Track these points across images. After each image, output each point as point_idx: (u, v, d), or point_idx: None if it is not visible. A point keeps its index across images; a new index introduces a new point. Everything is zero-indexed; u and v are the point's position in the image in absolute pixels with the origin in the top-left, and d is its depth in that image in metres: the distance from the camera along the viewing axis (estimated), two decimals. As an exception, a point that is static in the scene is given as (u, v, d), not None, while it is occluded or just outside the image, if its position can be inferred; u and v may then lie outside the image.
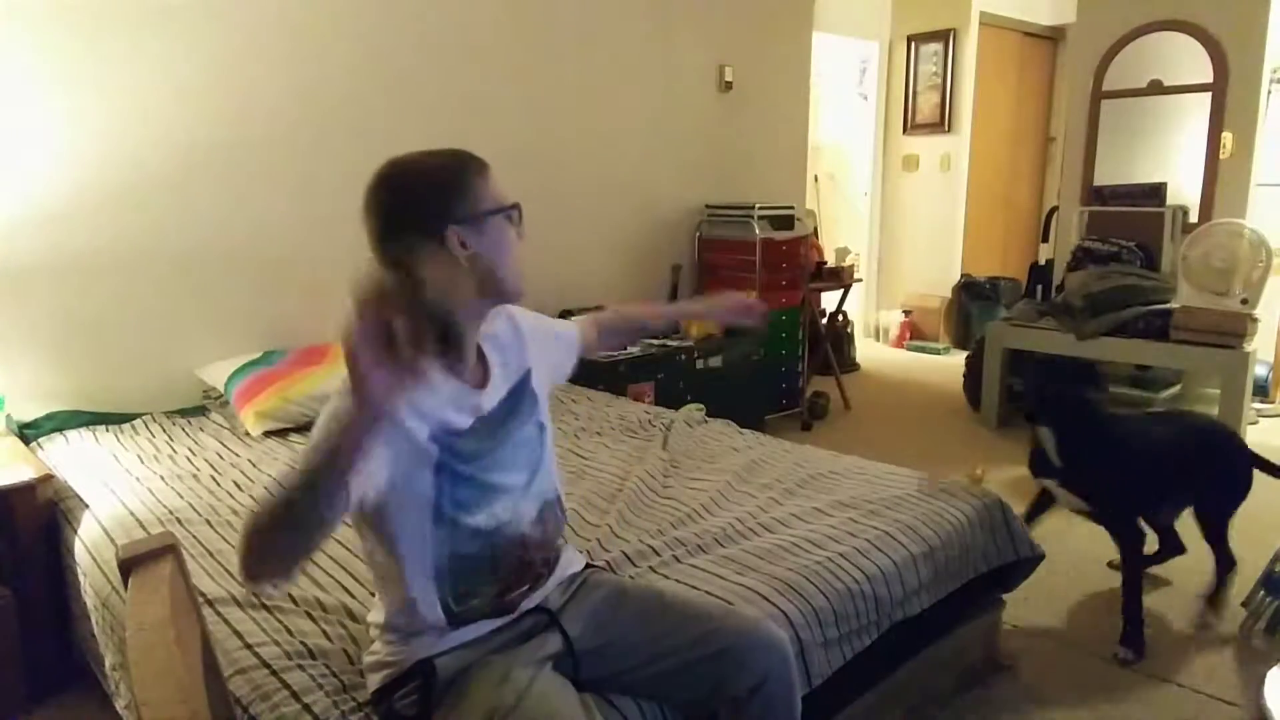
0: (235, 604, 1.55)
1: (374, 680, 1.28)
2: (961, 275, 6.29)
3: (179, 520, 1.95)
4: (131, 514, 1.98)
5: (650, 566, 1.72)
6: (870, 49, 6.44)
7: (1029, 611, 2.50)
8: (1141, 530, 2.40)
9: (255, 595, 1.55)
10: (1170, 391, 4.26)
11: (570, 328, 1.62)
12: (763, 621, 1.42)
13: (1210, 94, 4.30)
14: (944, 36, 6.19)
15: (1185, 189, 4.41)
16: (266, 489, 1.07)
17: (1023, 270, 5.51)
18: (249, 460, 2.37)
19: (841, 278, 5.01)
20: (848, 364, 5.65)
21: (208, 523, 1.94)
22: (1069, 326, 4.05)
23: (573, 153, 3.87)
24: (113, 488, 2.14)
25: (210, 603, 1.55)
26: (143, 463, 2.33)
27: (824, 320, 5.27)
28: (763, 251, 4.14)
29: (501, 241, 1.25)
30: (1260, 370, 4.45)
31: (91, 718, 2.04)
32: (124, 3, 2.62)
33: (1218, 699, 2.13)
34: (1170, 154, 4.52)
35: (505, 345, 1.38)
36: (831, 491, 2.10)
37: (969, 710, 2.06)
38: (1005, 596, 2.17)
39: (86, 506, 2.06)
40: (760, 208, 4.21)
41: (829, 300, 5.36)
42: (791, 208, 4.42)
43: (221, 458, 2.40)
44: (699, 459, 2.40)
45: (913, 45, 6.36)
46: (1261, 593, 2.41)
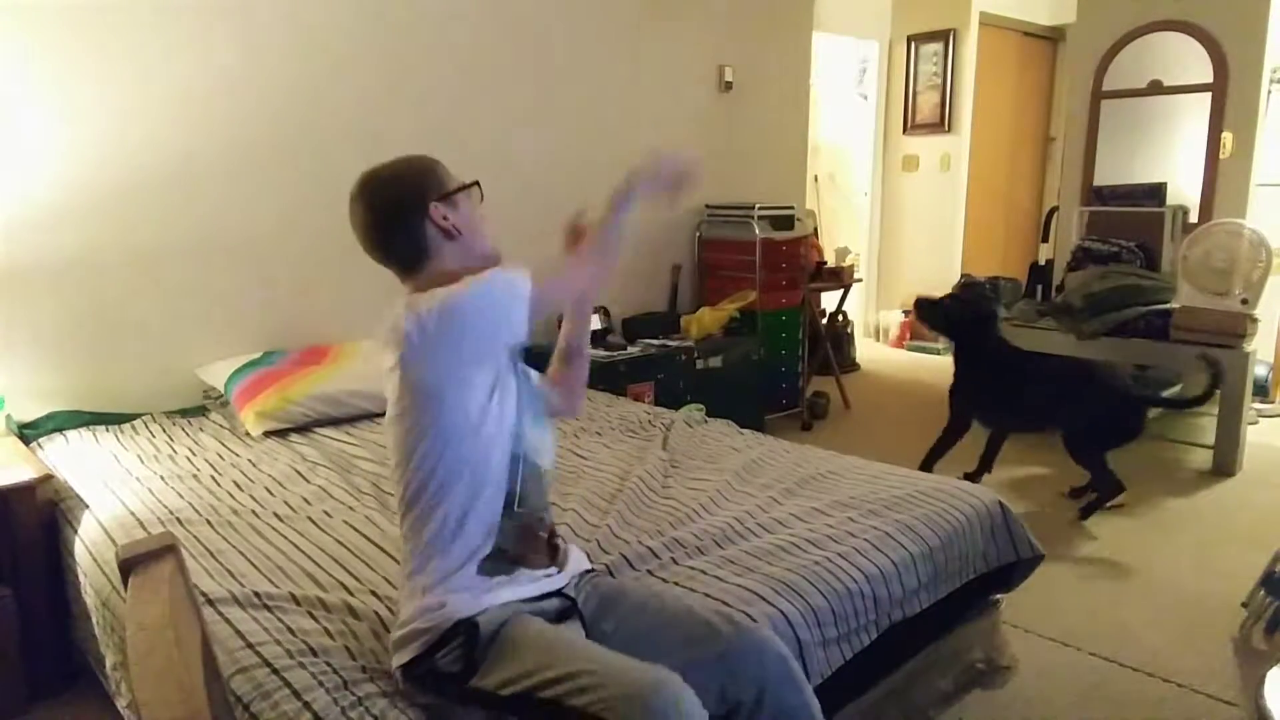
0: (236, 604, 1.55)
1: (405, 654, 1.29)
2: (961, 275, 6.29)
3: (179, 520, 1.95)
4: (131, 514, 1.98)
5: (649, 569, 1.72)
6: (870, 49, 6.44)
7: (1029, 611, 2.50)
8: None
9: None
10: (1170, 391, 4.26)
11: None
12: (755, 627, 1.40)
13: (1210, 94, 4.30)
14: (944, 36, 6.19)
15: (1185, 189, 4.41)
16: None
17: (1023, 270, 5.51)
18: (249, 460, 2.37)
19: (841, 278, 5.01)
20: (848, 364, 5.66)
21: (208, 523, 1.94)
22: (1069, 326, 4.05)
23: (572, 153, 3.87)
24: (113, 488, 2.14)
25: (211, 602, 1.55)
26: (143, 463, 2.33)
27: (824, 320, 5.27)
28: (763, 251, 4.14)
29: (472, 215, 1.46)
30: (1260, 370, 4.45)
31: (91, 718, 2.05)
32: (124, 3, 2.62)
33: (1218, 699, 2.13)
34: (1170, 154, 4.51)
35: None
36: (831, 491, 2.10)
37: (969, 710, 2.07)
38: (1005, 596, 2.17)
39: (86, 506, 2.06)
40: (760, 208, 4.21)
41: (829, 300, 5.36)
42: (791, 208, 4.42)
43: (221, 458, 2.40)
44: (699, 459, 2.40)
45: (913, 45, 6.36)
46: (1261, 593, 2.40)
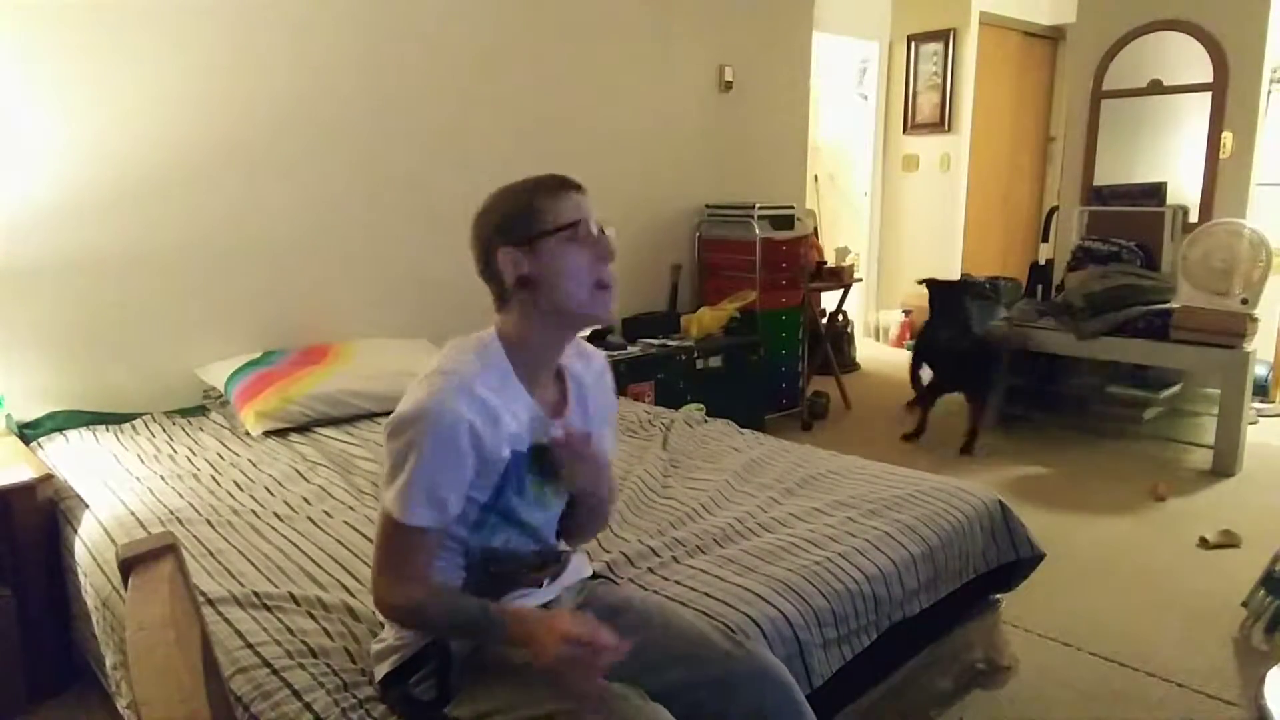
0: (236, 604, 1.55)
1: (383, 667, 1.29)
2: (961, 275, 6.29)
3: (179, 520, 1.95)
4: (131, 514, 1.98)
5: (649, 567, 1.72)
6: (870, 49, 6.44)
7: (1029, 611, 2.50)
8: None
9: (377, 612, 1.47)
10: (1170, 391, 4.26)
11: (613, 448, 1.55)
12: (761, 653, 1.35)
13: (1210, 94, 4.30)
14: (944, 36, 6.19)
15: (1185, 189, 4.41)
16: (469, 612, 1.21)
17: (1023, 270, 5.50)
18: (249, 460, 2.37)
19: (841, 277, 5.01)
20: (848, 364, 5.65)
21: (208, 523, 1.94)
22: (1069, 326, 4.05)
23: (573, 153, 3.87)
24: (113, 488, 2.14)
25: (210, 602, 1.55)
26: (143, 463, 2.33)
27: (824, 320, 5.27)
28: (763, 251, 4.14)
29: (556, 260, 1.23)
30: (1260, 370, 4.45)
31: (92, 718, 2.04)
32: (123, 3, 2.62)
33: (1218, 699, 2.13)
34: (1170, 154, 4.51)
35: (587, 390, 1.40)
36: (831, 491, 2.10)
37: (969, 710, 2.07)
38: (1005, 596, 2.17)
39: (86, 506, 2.06)
40: (760, 208, 4.21)
41: (829, 300, 5.36)
42: (791, 208, 4.42)
43: (221, 458, 2.40)
44: (699, 459, 2.40)
45: (913, 45, 6.36)
46: (1261, 593, 2.40)
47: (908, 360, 6.05)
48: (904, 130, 6.53)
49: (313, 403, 2.64)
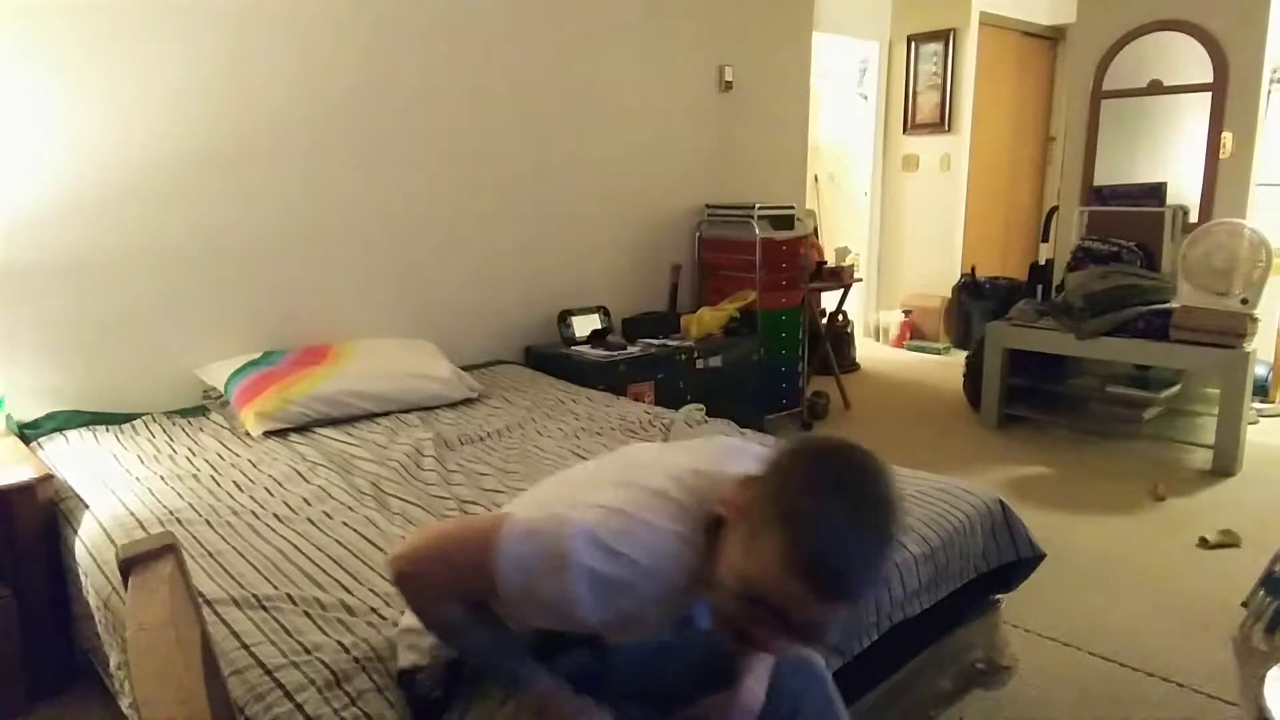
0: (234, 604, 1.55)
1: (401, 652, 1.29)
2: (961, 275, 6.29)
3: (179, 520, 1.95)
4: (131, 514, 1.98)
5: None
6: (870, 49, 6.44)
7: (1029, 611, 2.50)
8: None
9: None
10: (1170, 391, 4.26)
11: None
12: (801, 649, 1.30)
13: (1210, 94, 4.30)
14: (944, 36, 6.19)
15: (1185, 189, 4.41)
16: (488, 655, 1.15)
17: (1023, 270, 5.51)
18: (249, 460, 2.37)
19: (841, 278, 5.01)
20: (848, 364, 5.65)
21: (208, 523, 1.94)
22: (1069, 326, 4.05)
23: (573, 152, 3.87)
24: (113, 488, 2.14)
25: (209, 603, 1.55)
26: (143, 463, 2.33)
27: (824, 320, 5.27)
28: (763, 251, 4.14)
29: (731, 579, 0.99)
30: (1260, 370, 4.45)
31: (93, 718, 2.04)
32: (122, 3, 2.62)
33: (1218, 699, 2.13)
34: (1170, 154, 4.51)
35: None
36: (831, 491, 2.09)
37: (969, 710, 2.07)
38: (1005, 596, 2.17)
39: (86, 506, 2.06)
40: (760, 208, 4.21)
41: (829, 300, 5.36)
42: (791, 208, 4.42)
43: (221, 458, 2.40)
44: (699, 459, 2.39)
45: (913, 45, 6.36)
46: (1261, 593, 2.40)
47: (908, 360, 6.08)
48: (904, 130, 6.52)
49: (313, 403, 2.64)
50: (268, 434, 2.57)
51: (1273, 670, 1.46)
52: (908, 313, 6.46)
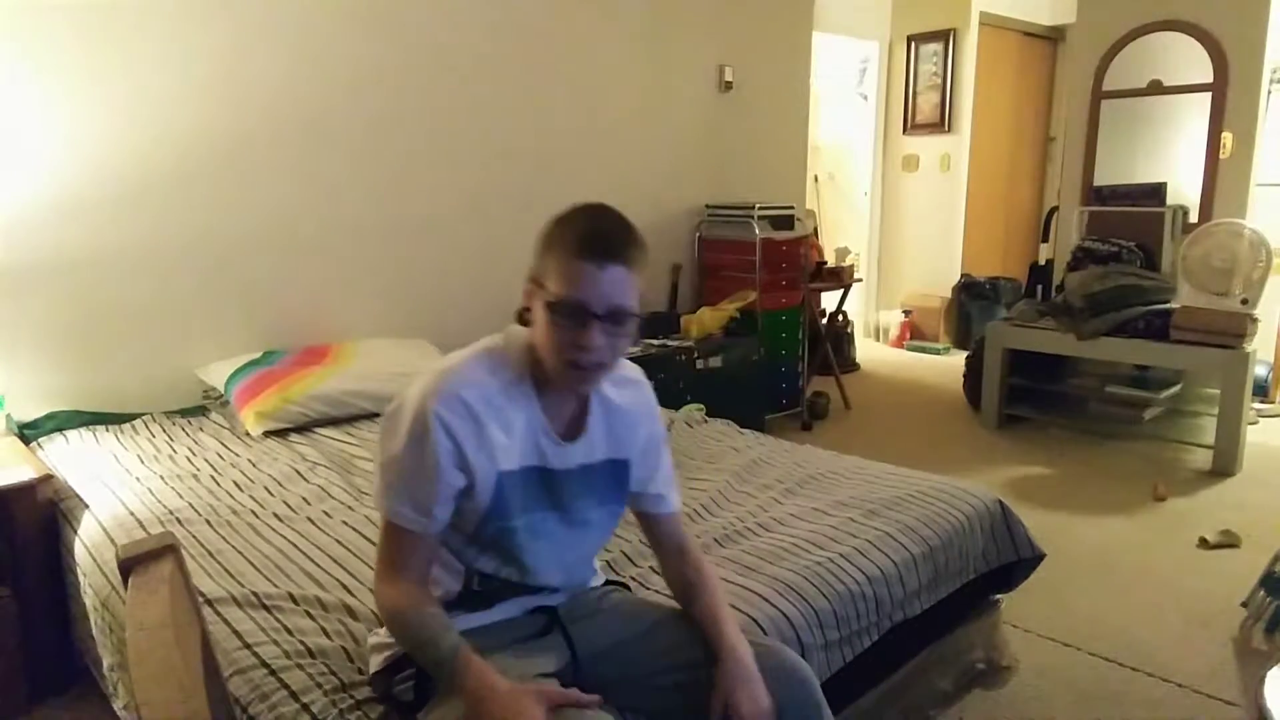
0: (235, 604, 1.55)
1: (375, 661, 1.29)
2: (961, 275, 6.29)
3: (179, 520, 1.95)
4: (131, 514, 1.98)
5: (651, 566, 1.71)
6: (870, 49, 6.44)
7: (1029, 611, 2.50)
8: None
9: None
10: (1170, 391, 4.26)
11: (672, 495, 1.43)
12: (778, 646, 1.33)
13: (1210, 94, 4.30)
14: (944, 36, 6.19)
15: (1185, 189, 4.41)
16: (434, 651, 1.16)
17: (1023, 270, 5.51)
18: (249, 460, 2.37)
19: (841, 278, 5.01)
20: (848, 364, 5.65)
21: (208, 523, 1.94)
22: (1069, 326, 4.05)
23: (573, 152, 3.87)
24: (113, 488, 2.14)
25: (210, 603, 1.55)
26: (143, 463, 2.33)
27: (824, 320, 5.27)
28: (763, 251, 4.14)
29: (539, 319, 1.18)
30: (1260, 370, 4.45)
31: (91, 718, 2.04)
32: (124, 3, 2.62)
33: (1218, 699, 2.13)
34: (1170, 154, 4.52)
35: (617, 415, 1.32)
36: (832, 492, 2.10)
37: (969, 710, 2.07)
38: (1005, 596, 2.17)
39: (86, 506, 2.06)
40: (760, 208, 4.21)
41: (829, 300, 5.36)
42: (791, 208, 4.42)
43: (221, 458, 2.39)
44: (699, 459, 2.40)
45: (913, 45, 6.36)
46: (1261, 593, 2.40)
47: (908, 360, 6.09)
48: (904, 130, 6.52)
49: (313, 403, 2.64)
50: (268, 434, 2.56)
51: (1273, 670, 1.46)
52: (908, 313, 6.46)
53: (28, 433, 2.53)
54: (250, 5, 2.87)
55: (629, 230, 1.20)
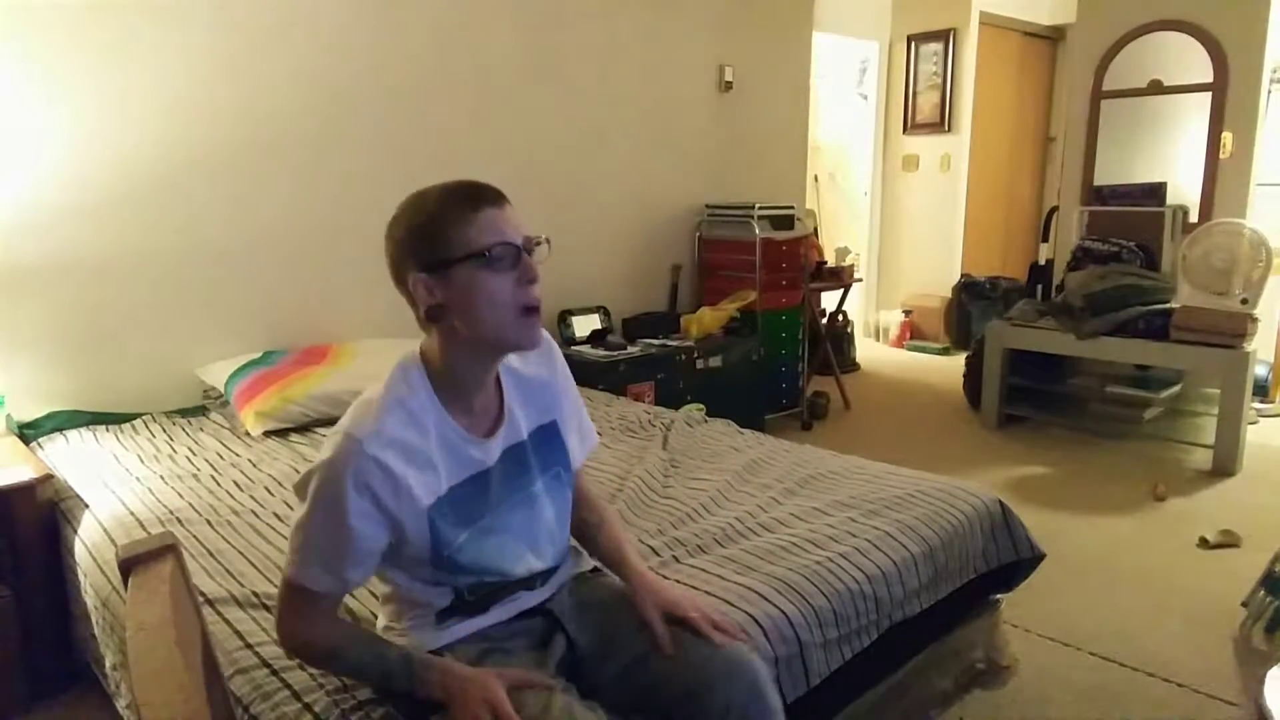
0: (235, 604, 1.55)
1: None
2: (961, 275, 6.29)
3: (179, 520, 1.95)
4: (131, 514, 1.98)
5: (650, 566, 1.71)
6: (870, 49, 6.44)
7: (1029, 611, 2.50)
8: None
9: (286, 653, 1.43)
10: (1170, 391, 4.26)
11: (591, 439, 1.48)
12: (733, 646, 1.29)
13: (1210, 94, 4.30)
14: (944, 36, 6.19)
15: (1185, 189, 4.41)
16: (376, 659, 1.18)
17: (1023, 270, 5.51)
18: (249, 460, 2.37)
19: (841, 278, 5.01)
20: (848, 364, 5.66)
21: (208, 523, 1.94)
22: (1069, 326, 4.05)
23: (573, 152, 3.87)
24: (113, 488, 2.14)
25: (210, 602, 1.55)
26: (143, 463, 2.33)
27: (824, 320, 5.27)
28: (763, 251, 4.14)
29: (471, 289, 1.14)
30: (1260, 370, 4.45)
31: (91, 718, 2.04)
32: (124, 3, 2.62)
33: (1218, 699, 2.13)
34: (1170, 154, 4.51)
35: (530, 385, 1.33)
36: (832, 491, 2.09)
37: (969, 710, 2.07)
38: (1005, 596, 2.17)
39: (86, 506, 2.06)
40: (760, 208, 4.21)
41: (829, 300, 5.36)
42: (791, 208, 4.42)
43: (221, 458, 2.40)
44: (699, 459, 2.40)
45: (913, 45, 6.36)
46: (1261, 593, 2.40)
47: (908, 360, 6.08)
48: (904, 130, 6.53)
49: (313, 403, 2.64)
50: (268, 434, 2.57)
51: (1273, 670, 1.46)
52: (908, 313, 6.46)
53: (28, 433, 2.53)
54: (252, 8, 2.87)
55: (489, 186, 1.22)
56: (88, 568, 1.85)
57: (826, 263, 5.17)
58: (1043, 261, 5.15)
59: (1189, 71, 4.36)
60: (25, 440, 2.47)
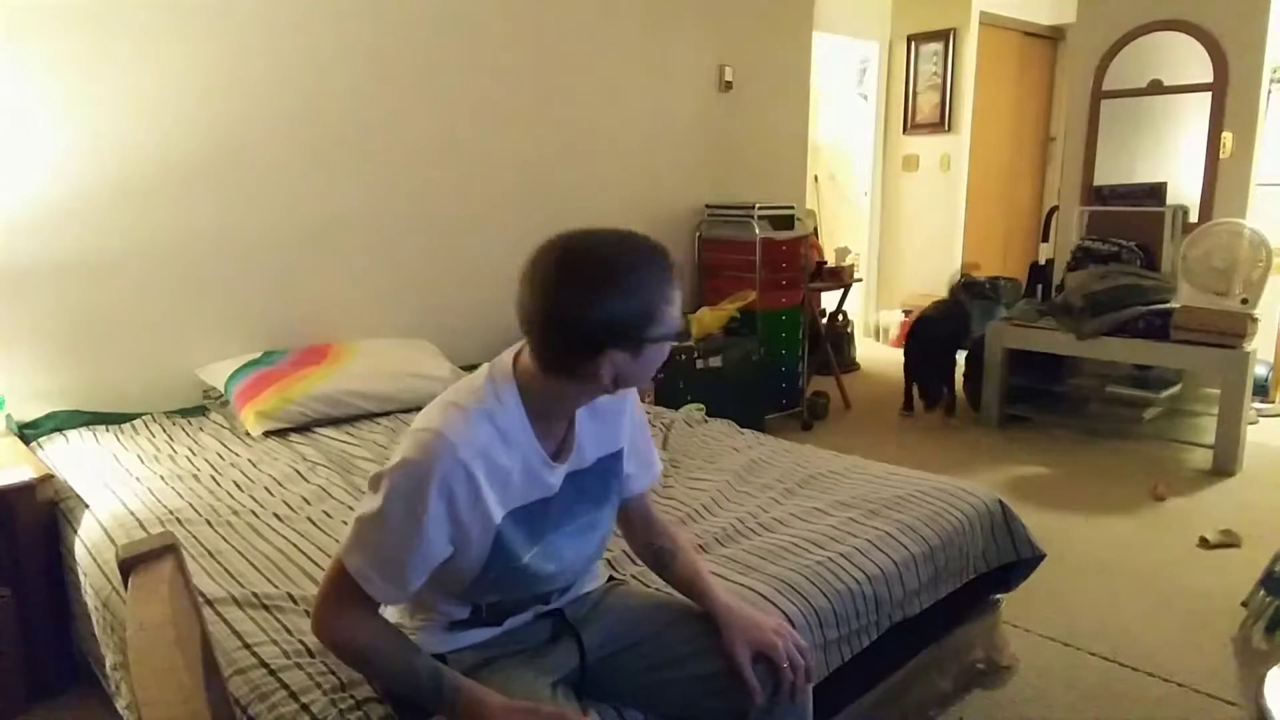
0: (235, 604, 1.55)
1: None
2: (961, 275, 6.29)
3: (179, 520, 1.95)
4: (131, 514, 1.98)
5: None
6: (870, 49, 6.44)
7: (1029, 611, 2.50)
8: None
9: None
10: (1170, 391, 4.26)
11: (655, 468, 1.46)
12: (796, 706, 1.31)
13: (1210, 94, 4.30)
14: (944, 36, 6.18)
15: (1185, 189, 4.41)
16: (413, 672, 1.15)
17: (1023, 270, 5.51)
18: (249, 460, 2.37)
19: (841, 277, 5.01)
20: (848, 364, 5.65)
21: (208, 523, 1.94)
22: (1069, 326, 4.05)
23: (573, 153, 3.87)
24: (113, 488, 2.14)
25: (210, 603, 1.55)
26: (143, 463, 2.33)
27: (824, 320, 5.27)
28: (763, 251, 4.14)
29: (652, 363, 1.14)
30: (1260, 370, 4.45)
31: (91, 718, 2.04)
32: (126, 4, 2.62)
33: (1218, 699, 2.13)
34: (1170, 154, 4.51)
35: (604, 414, 1.31)
36: (832, 491, 2.10)
37: (969, 710, 2.06)
38: (1005, 596, 2.17)
39: (86, 506, 2.06)
40: (760, 208, 4.21)
41: (829, 300, 5.36)
42: (791, 208, 4.42)
43: (221, 458, 2.40)
44: (699, 459, 2.40)
45: (913, 45, 6.36)
46: (1261, 593, 2.40)
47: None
48: (904, 130, 6.52)
49: (313, 403, 2.64)
50: (268, 434, 2.57)
51: (1273, 670, 1.46)
52: (908, 313, 6.45)
53: (28, 433, 2.53)
54: (254, 11, 2.87)
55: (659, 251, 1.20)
56: (88, 568, 1.85)
57: (826, 263, 5.17)
58: (1043, 261, 5.15)
59: (1189, 71, 4.36)
60: (25, 440, 2.47)
